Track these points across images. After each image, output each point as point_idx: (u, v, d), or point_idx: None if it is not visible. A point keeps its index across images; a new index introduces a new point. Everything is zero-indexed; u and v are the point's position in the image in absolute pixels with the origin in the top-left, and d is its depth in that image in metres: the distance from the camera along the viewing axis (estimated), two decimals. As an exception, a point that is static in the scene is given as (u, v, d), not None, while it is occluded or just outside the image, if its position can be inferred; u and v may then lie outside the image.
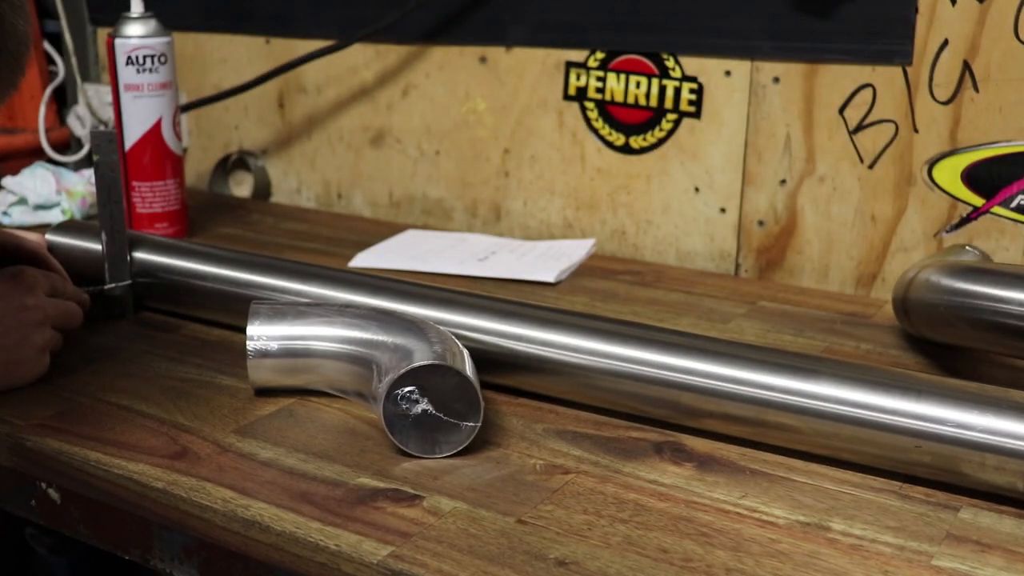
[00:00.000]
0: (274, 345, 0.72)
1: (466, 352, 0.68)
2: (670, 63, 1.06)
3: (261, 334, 0.72)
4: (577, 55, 1.11)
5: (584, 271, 1.05)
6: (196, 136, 1.41)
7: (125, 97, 1.07)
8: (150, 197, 1.10)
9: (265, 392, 0.74)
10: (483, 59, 1.17)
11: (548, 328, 0.72)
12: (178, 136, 1.11)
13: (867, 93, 0.97)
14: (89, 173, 1.26)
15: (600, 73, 1.10)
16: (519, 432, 0.69)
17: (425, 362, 0.64)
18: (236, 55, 1.34)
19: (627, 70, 1.09)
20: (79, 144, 1.42)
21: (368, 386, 0.68)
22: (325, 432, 0.68)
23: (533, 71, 1.14)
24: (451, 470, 0.63)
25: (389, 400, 0.64)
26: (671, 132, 1.08)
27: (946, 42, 0.92)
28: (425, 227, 1.23)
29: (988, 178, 0.93)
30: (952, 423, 0.60)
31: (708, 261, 1.09)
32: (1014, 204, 0.92)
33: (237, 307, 0.81)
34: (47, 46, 1.41)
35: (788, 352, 0.69)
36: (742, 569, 0.54)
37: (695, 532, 0.57)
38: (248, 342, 0.71)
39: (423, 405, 0.64)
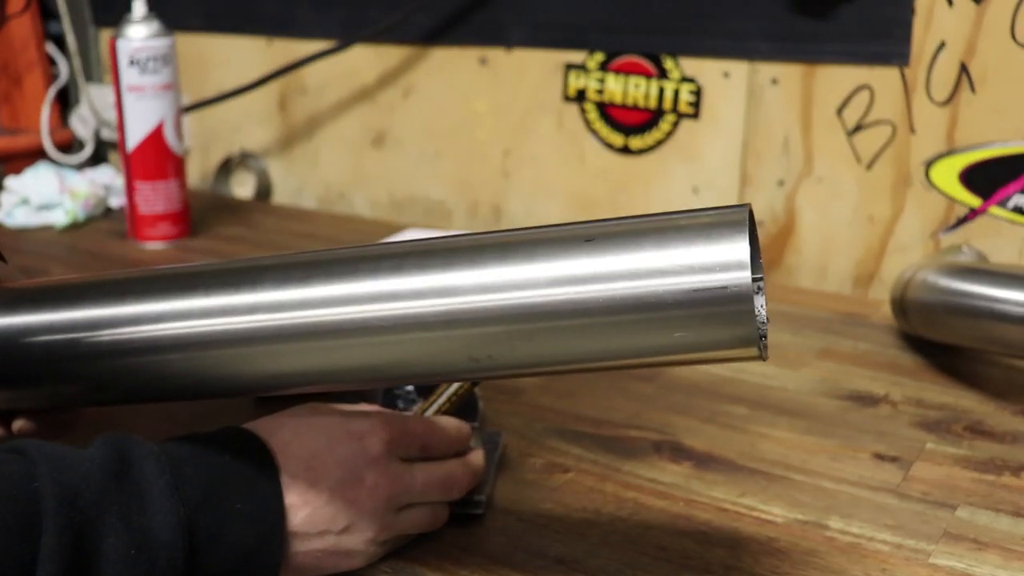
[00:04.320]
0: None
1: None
2: (669, 64, 1.07)
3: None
4: (576, 56, 1.12)
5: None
6: (198, 137, 1.42)
7: (128, 98, 1.08)
8: (152, 198, 1.10)
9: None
10: (483, 60, 1.17)
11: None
12: (180, 137, 1.11)
13: (865, 94, 0.98)
14: (91, 173, 1.27)
15: (599, 74, 1.11)
16: (519, 431, 0.69)
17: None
18: (238, 56, 1.34)
19: (626, 71, 1.09)
20: (82, 145, 1.42)
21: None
22: (327, 431, 0.69)
23: (533, 72, 1.15)
24: (452, 469, 0.64)
25: (386, 400, 0.64)
26: (670, 133, 1.08)
27: (943, 44, 0.93)
28: (425, 227, 1.23)
29: (985, 179, 0.94)
30: None
31: (707, 261, 1.09)
32: (1011, 204, 0.93)
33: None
34: (50, 47, 1.41)
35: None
36: (740, 567, 0.54)
37: (694, 530, 0.58)
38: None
39: (420, 405, 0.64)
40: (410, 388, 0.64)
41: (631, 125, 1.10)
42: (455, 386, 0.60)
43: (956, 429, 0.70)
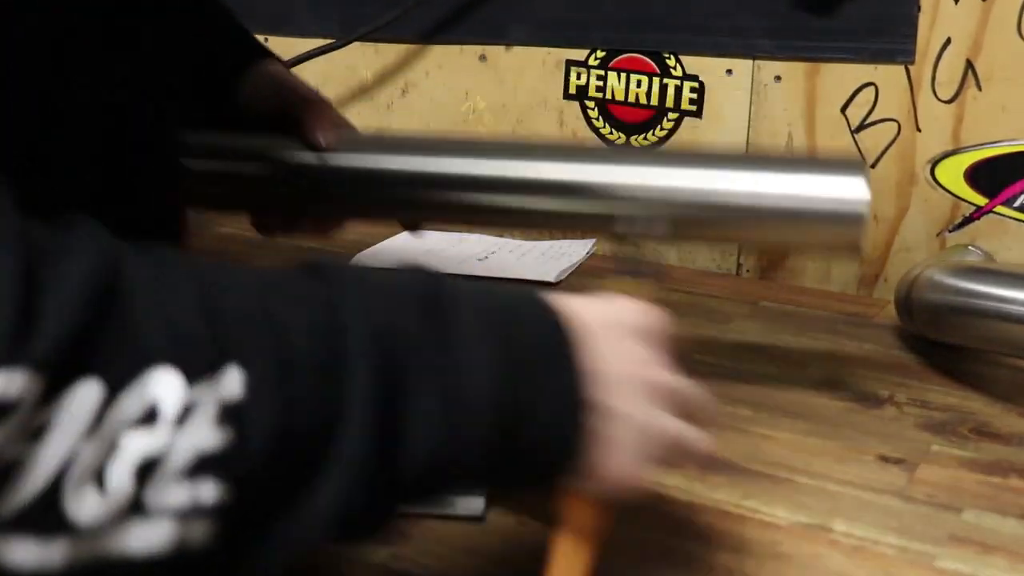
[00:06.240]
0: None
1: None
2: (671, 62, 1.06)
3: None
4: (577, 54, 1.11)
5: (585, 271, 1.05)
6: (196, 135, 1.41)
7: (124, 95, 1.07)
8: (149, 196, 1.09)
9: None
10: (483, 57, 1.17)
11: None
12: (177, 135, 1.11)
13: (869, 92, 0.97)
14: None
15: (601, 72, 1.10)
16: (519, 432, 0.68)
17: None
18: (236, 54, 1.34)
19: (628, 69, 1.08)
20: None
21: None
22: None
23: (533, 70, 1.14)
24: (450, 470, 0.63)
25: None
26: (672, 131, 1.08)
27: (949, 40, 0.92)
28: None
29: (991, 177, 0.93)
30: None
31: (710, 261, 1.08)
32: (1017, 203, 0.92)
33: None
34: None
35: None
36: (744, 570, 0.53)
37: (696, 533, 0.57)
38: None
39: None
40: None
41: (633, 123, 1.10)
42: None
43: (962, 431, 0.69)
